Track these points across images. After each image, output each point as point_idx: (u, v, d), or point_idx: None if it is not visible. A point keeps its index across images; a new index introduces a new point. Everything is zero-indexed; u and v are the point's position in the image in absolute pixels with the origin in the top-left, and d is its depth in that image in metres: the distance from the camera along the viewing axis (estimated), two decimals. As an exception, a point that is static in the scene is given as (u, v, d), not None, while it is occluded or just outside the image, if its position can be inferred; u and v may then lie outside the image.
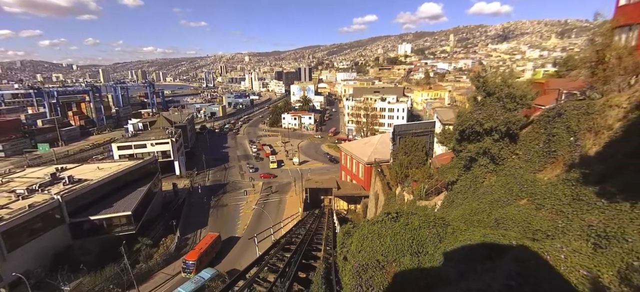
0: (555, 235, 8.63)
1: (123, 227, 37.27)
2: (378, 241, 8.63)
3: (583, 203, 9.36)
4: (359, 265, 8.01)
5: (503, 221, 10.97)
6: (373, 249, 8.47)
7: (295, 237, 20.45)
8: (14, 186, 39.07)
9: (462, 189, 17.70)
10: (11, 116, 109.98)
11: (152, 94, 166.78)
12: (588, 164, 10.77)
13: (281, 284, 10.57)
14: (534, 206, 11.23)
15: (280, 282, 10.78)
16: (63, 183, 38.75)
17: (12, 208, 32.77)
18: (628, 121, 10.94)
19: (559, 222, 9.24)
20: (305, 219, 33.26)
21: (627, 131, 10.76)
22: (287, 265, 12.38)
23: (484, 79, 14.53)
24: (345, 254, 10.08)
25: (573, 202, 9.76)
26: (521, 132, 15.52)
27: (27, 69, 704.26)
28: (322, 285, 8.84)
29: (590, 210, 8.92)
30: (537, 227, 9.65)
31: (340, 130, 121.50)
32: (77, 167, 47.65)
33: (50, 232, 33.67)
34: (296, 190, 59.55)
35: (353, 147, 53.45)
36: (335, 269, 10.52)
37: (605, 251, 5.91)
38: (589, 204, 9.12)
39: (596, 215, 8.47)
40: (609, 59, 13.35)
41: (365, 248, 8.72)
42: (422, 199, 21.79)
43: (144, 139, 66.47)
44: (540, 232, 9.26)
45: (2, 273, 29.20)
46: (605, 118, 11.89)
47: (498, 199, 13.38)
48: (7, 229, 29.40)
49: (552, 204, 10.51)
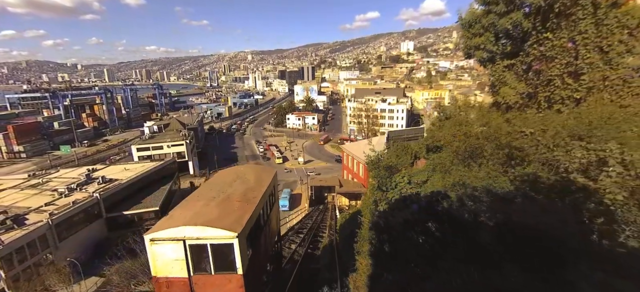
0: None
1: (151, 221, 42.30)
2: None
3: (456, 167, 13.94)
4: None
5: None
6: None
7: (305, 226, 25.49)
8: (54, 185, 44.34)
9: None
10: (30, 119, 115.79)
11: (160, 95, 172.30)
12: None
13: (302, 244, 15.59)
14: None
15: (302, 244, 15.79)
16: (97, 182, 43.92)
17: (57, 204, 37.91)
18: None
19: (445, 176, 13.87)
20: (311, 213, 38.29)
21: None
22: (303, 240, 17.43)
23: (443, 108, 19.28)
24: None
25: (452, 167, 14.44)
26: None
27: (33, 69, 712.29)
28: (328, 246, 13.78)
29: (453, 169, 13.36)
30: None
31: (332, 136, 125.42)
32: (106, 168, 52.92)
33: (91, 225, 38.86)
34: (301, 188, 64.42)
35: (354, 148, 58.12)
36: (336, 242, 15.49)
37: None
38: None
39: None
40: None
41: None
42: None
43: (160, 141, 71.69)
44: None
45: (55, 260, 34.45)
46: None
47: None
48: (59, 222, 34.57)
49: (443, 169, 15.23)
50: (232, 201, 10.19)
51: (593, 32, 8.45)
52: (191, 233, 8.36)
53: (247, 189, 11.30)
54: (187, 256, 8.50)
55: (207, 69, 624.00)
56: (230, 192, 10.80)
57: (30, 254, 31.60)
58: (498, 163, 7.31)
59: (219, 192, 10.69)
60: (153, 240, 8.55)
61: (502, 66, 10.87)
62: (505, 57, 10.73)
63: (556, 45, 9.12)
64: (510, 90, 10.24)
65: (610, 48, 8.17)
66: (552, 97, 9.34)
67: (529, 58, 9.94)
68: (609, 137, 5.85)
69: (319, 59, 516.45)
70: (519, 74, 10.39)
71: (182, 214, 9.34)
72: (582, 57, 8.62)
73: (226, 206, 9.78)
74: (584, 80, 8.66)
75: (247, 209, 9.77)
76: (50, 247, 33.75)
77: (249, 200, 10.41)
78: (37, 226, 32.49)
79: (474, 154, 8.15)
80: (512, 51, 10.55)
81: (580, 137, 6.24)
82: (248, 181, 12.05)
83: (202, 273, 8.71)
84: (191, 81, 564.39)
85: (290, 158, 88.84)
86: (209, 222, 8.60)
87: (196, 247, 8.47)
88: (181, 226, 8.44)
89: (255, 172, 13.45)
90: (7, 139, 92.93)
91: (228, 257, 8.52)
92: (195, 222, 8.54)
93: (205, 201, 10.03)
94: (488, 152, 7.59)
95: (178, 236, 8.37)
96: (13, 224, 32.81)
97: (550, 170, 6.31)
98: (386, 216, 6.62)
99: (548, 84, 9.45)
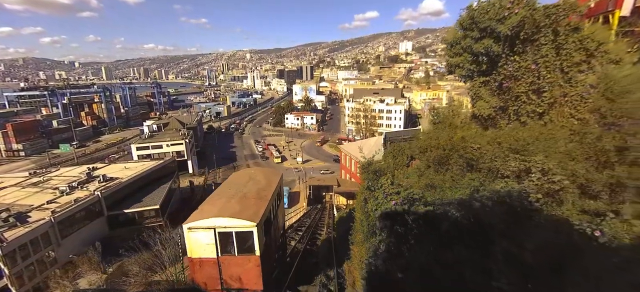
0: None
1: (152, 219, 42.93)
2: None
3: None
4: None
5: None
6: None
7: (303, 224, 26.24)
8: (55, 184, 44.84)
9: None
10: (29, 117, 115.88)
11: (159, 94, 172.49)
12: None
13: (301, 241, 16.49)
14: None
15: (301, 241, 16.67)
16: (98, 181, 44.46)
17: (59, 202, 38.42)
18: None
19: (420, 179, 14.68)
20: (310, 212, 39.05)
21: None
22: (302, 238, 18.27)
23: (437, 111, 20.04)
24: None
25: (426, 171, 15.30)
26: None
27: (30, 66, 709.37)
28: (325, 242, 14.61)
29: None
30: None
31: (331, 136, 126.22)
32: (106, 167, 53.41)
33: (92, 224, 39.39)
34: (300, 186, 65.16)
35: (352, 148, 58.94)
36: (333, 239, 16.30)
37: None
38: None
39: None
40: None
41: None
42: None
43: (159, 140, 72.17)
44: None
45: (57, 256, 35.03)
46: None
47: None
48: (61, 220, 35.11)
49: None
50: (249, 198, 12.38)
51: (553, 56, 9.90)
52: (220, 223, 10.73)
53: (260, 188, 13.35)
54: (216, 240, 10.84)
55: (206, 67, 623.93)
56: (246, 191, 12.91)
57: (33, 251, 32.12)
58: (459, 169, 9.08)
59: (236, 191, 12.84)
60: (190, 228, 10.88)
61: (478, 83, 12.50)
62: (481, 75, 12.35)
63: (522, 66, 10.58)
64: (485, 104, 11.80)
65: (569, 68, 9.18)
66: (519, 110, 10.82)
67: (500, 76, 11.44)
68: (536, 151, 7.68)
69: (318, 58, 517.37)
70: (493, 89, 11.92)
71: (210, 208, 11.64)
72: (543, 77, 10.06)
73: (244, 202, 11.99)
74: (545, 96, 10.09)
75: (261, 204, 11.84)
76: (53, 244, 34.27)
77: (262, 197, 12.49)
78: (40, 224, 33.02)
79: (441, 161, 9.27)
80: (486, 70, 12.11)
81: (516, 151, 8.02)
82: (259, 182, 14.09)
83: (227, 254, 11.08)
84: (189, 80, 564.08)
85: (289, 158, 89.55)
86: (234, 214, 10.93)
87: (224, 234, 10.83)
88: (212, 217, 10.80)
89: (265, 174, 15.61)
90: (6, 138, 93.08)
91: (248, 241, 10.84)
92: (223, 215, 10.88)
93: (227, 198, 12.30)
94: (452, 160, 9.06)
95: (210, 225, 10.74)
96: (16, 222, 33.35)
97: (494, 175, 8.18)
98: (370, 211, 8.12)
99: (516, 100, 10.92)
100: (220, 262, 11.05)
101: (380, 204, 7.63)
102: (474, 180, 7.92)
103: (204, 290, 11.33)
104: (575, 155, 7.37)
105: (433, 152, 10.52)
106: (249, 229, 10.64)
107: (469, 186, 7.69)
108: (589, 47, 9.56)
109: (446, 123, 13.71)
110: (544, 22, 10.21)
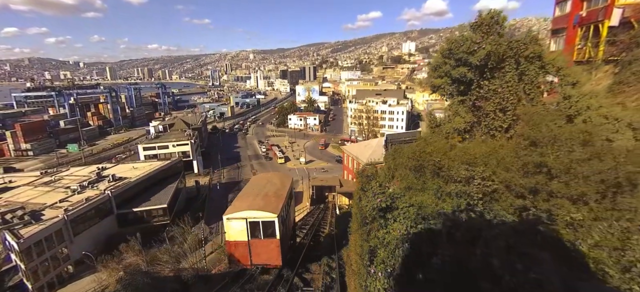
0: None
1: (159, 217, 44.24)
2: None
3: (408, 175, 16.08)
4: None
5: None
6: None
7: (307, 222, 27.39)
8: (66, 183, 46.25)
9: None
10: (36, 117, 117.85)
11: (163, 94, 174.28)
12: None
13: (305, 239, 17.88)
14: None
15: (305, 238, 18.04)
16: (108, 180, 45.81)
17: (71, 201, 39.78)
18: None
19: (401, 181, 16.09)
20: (313, 212, 40.11)
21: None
22: (306, 235, 19.51)
23: (434, 117, 21.14)
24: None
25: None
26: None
27: (35, 66, 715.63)
28: (328, 238, 15.86)
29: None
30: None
31: (333, 137, 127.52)
32: (115, 167, 54.83)
33: (102, 222, 40.75)
34: (303, 186, 66.22)
35: (354, 149, 59.82)
36: (335, 235, 17.47)
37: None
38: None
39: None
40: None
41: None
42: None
43: (166, 141, 73.58)
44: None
45: (70, 253, 36.37)
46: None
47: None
48: (73, 218, 36.46)
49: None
50: (269, 196, 15.91)
51: (515, 81, 12.01)
52: (250, 214, 14.40)
53: (277, 189, 16.92)
54: (247, 228, 14.45)
55: (209, 67, 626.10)
56: (266, 191, 16.52)
57: (48, 248, 33.47)
58: (430, 174, 11.33)
59: (259, 191, 16.64)
60: (229, 218, 14.59)
61: (456, 101, 14.95)
62: (459, 95, 14.80)
63: (490, 89, 12.83)
64: (462, 119, 14.12)
65: (530, 90, 10.51)
66: (489, 125, 13.02)
67: (474, 97, 13.82)
68: (479, 163, 10.02)
69: (321, 58, 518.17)
70: (468, 107, 14.30)
71: (241, 204, 15.41)
72: (506, 98, 12.17)
73: (266, 199, 15.58)
74: (508, 114, 12.26)
75: (279, 201, 15.37)
76: (66, 241, 35.63)
77: (279, 196, 16.05)
78: (54, 221, 34.38)
79: (417, 168, 11.73)
80: (463, 91, 14.56)
81: (467, 163, 10.26)
82: (276, 184, 17.64)
83: (255, 238, 14.59)
84: (193, 80, 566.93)
85: (292, 158, 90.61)
86: (260, 208, 14.60)
87: (253, 222, 14.44)
88: (244, 210, 14.53)
89: (280, 178, 19.11)
90: (15, 137, 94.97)
91: (271, 228, 14.36)
92: (252, 208, 14.63)
93: (253, 196, 16.01)
94: (426, 166, 11.37)
95: (243, 216, 14.43)
96: (30, 220, 34.71)
97: (451, 180, 10.45)
98: (364, 206, 10.43)
99: (486, 116, 13.18)
100: (250, 244, 14.55)
101: (370, 201, 9.85)
102: (436, 183, 10.47)
103: (219, 273, 14.35)
104: (509, 166, 9.55)
105: (410, 162, 12.48)
106: (271, 219, 14.16)
107: (434, 187, 10.20)
108: (549, 71, 11.40)
109: (427, 136, 16.21)
110: (508, 53, 12.14)
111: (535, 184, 8.44)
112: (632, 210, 6.96)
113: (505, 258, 5.73)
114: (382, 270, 7.38)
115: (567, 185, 7.90)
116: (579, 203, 7.69)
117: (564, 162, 8.26)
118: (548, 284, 4.85)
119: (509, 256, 5.77)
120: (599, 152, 8.10)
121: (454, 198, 9.37)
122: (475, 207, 8.72)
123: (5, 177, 50.85)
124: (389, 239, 8.03)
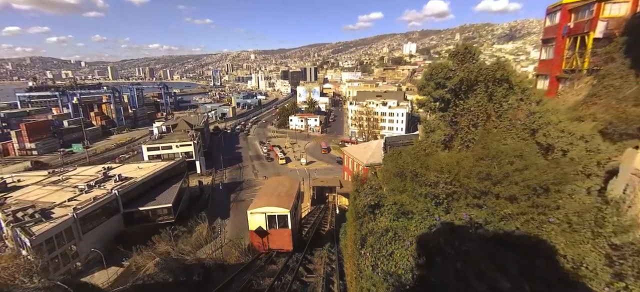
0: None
1: (164, 216, 45.39)
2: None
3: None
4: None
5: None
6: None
7: (308, 222, 28.71)
8: (73, 182, 47.48)
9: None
10: (41, 117, 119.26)
11: (165, 94, 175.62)
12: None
13: (307, 236, 19.63)
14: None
15: (306, 235, 19.79)
16: (114, 180, 47.04)
17: (79, 200, 41.01)
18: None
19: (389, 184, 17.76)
20: (313, 211, 41.29)
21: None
22: (308, 232, 20.97)
23: (427, 123, 22.41)
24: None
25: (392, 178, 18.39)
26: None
27: (37, 65, 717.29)
28: (328, 233, 17.30)
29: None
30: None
31: (334, 138, 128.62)
32: (121, 166, 56.05)
33: (110, 220, 41.92)
34: (304, 186, 67.36)
35: (354, 150, 60.99)
36: (335, 232, 18.83)
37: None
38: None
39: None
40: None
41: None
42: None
43: (169, 141, 74.82)
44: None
45: (79, 250, 37.59)
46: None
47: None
48: (82, 216, 37.68)
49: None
50: (282, 195, 19.84)
51: (485, 101, 14.17)
52: (268, 210, 18.23)
53: (287, 189, 20.98)
54: (266, 220, 18.26)
55: (210, 68, 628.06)
56: (278, 191, 20.49)
57: (58, 245, 34.70)
58: (409, 179, 13.29)
59: (273, 191, 20.71)
60: (252, 213, 18.34)
61: (438, 116, 17.44)
62: (439, 111, 17.30)
63: (464, 108, 15.08)
64: (441, 132, 16.39)
65: (498, 109, 12.21)
66: (464, 138, 15.13)
67: (451, 114, 16.13)
68: (445, 171, 12.07)
69: (322, 59, 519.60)
70: (447, 122, 16.53)
71: (260, 201, 19.17)
72: (477, 116, 14.35)
73: (280, 197, 19.47)
74: (479, 129, 14.47)
75: (290, 199, 19.22)
76: (75, 239, 36.85)
77: (290, 195, 19.95)
78: (64, 219, 35.61)
79: (400, 173, 13.78)
80: (443, 108, 17.02)
81: (436, 170, 12.28)
82: (286, 186, 21.67)
83: (272, 228, 18.38)
84: (194, 80, 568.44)
85: (293, 159, 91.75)
86: (276, 204, 18.45)
87: (270, 216, 18.27)
88: (264, 206, 18.36)
89: (290, 181, 23.30)
90: (19, 137, 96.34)
91: (284, 221, 18.18)
92: (270, 205, 18.44)
93: (268, 195, 20.05)
94: (405, 173, 13.50)
95: (262, 211, 18.25)
96: (41, 218, 35.94)
97: (424, 183, 12.46)
98: (357, 204, 12.81)
99: (462, 130, 15.39)
100: (268, 233, 18.42)
101: (362, 199, 12.23)
102: (411, 186, 12.81)
103: (234, 264, 17.93)
104: (468, 173, 11.64)
105: (394, 168, 14.63)
106: (285, 213, 18.04)
107: (410, 189, 12.71)
108: (517, 92, 13.41)
109: (419, 143, 18.51)
110: (479, 78, 14.30)
111: (485, 188, 10.82)
112: (544, 207, 9.62)
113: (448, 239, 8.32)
114: (370, 252, 9.60)
115: (505, 188, 10.34)
116: (513, 202, 10.18)
117: (503, 171, 10.61)
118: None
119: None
120: (527, 165, 10.54)
121: (425, 198, 11.85)
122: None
123: (15, 177, 52.10)
124: (376, 229, 10.55)
